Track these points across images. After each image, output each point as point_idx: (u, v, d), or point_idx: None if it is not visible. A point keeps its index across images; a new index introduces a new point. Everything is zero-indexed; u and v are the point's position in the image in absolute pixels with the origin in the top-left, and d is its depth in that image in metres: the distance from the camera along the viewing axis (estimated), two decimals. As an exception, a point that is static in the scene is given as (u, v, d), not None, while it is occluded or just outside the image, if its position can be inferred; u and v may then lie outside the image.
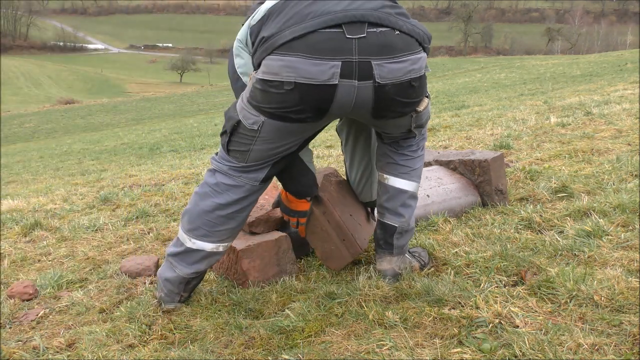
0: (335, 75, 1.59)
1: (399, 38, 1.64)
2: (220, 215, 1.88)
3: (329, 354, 1.56)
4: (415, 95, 1.75)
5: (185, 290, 2.00)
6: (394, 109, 1.74)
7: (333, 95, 1.62)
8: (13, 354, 1.78)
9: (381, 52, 1.61)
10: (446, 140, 4.94)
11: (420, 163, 2.04)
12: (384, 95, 1.66)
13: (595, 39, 76.80)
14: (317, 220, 2.15)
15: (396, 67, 1.63)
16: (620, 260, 1.89)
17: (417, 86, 1.72)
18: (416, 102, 1.79)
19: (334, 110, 1.68)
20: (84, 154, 11.52)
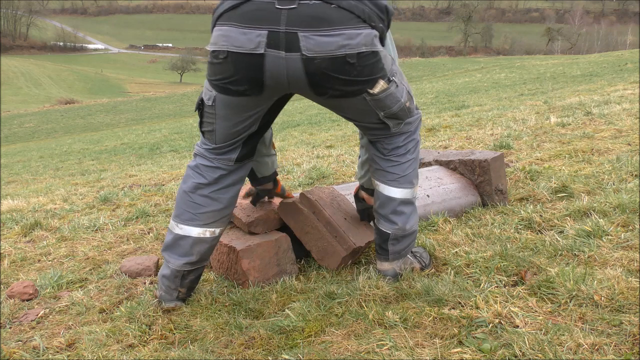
0: (261, 44, 1.59)
1: (335, 11, 1.59)
2: (202, 195, 1.92)
3: (329, 354, 1.56)
4: (356, 73, 1.66)
5: (182, 285, 1.99)
6: (331, 85, 1.68)
7: (262, 66, 1.62)
8: (13, 354, 1.78)
9: (310, 24, 1.58)
10: (446, 140, 4.94)
11: (411, 168, 1.98)
12: (314, 69, 1.62)
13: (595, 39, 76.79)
14: (307, 219, 2.17)
15: (326, 40, 1.59)
16: (620, 260, 1.89)
17: (357, 63, 1.64)
18: (361, 82, 1.69)
19: (270, 83, 1.67)
20: (84, 154, 11.52)
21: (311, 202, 2.20)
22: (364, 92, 1.73)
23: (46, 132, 22.67)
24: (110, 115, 26.88)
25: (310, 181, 3.89)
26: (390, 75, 1.75)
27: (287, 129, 10.62)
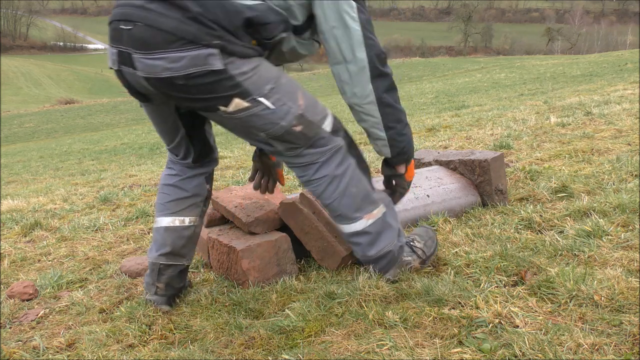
0: (115, 62, 1.69)
1: (157, 34, 1.57)
2: (168, 184, 2.02)
3: (329, 354, 1.56)
4: (195, 91, 1.64)
5: (159, 280, 2.00)
6: (180, 102, 1.75)
7: (126, 80, 1.71)
8: (13, 354, 1.78)
9: (139, 46, 1.60)
10: (446, 140, 4.94)
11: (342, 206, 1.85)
12: (155, 87, 1.66)
13: (595, 39, 76.81)
14: (307, 219, 2.17)
15: (150, 63, 1.60)
16: (620, 260, 1.89)
17: (189, 84, 1.61)
18: (205, 99, 1.66)
19: (145, 92, 1.74)
20: (84, 154, 11.52)
21: (311, 202, 2.20)
22: (217, 110, 1.69)
23: (46, 132, 22.67)
24: (110, 115, 26.88)
25: (310, 181, 3.88)
26: (256, 95, 1.68)
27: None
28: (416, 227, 2.12)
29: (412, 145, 1.96)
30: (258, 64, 1.70)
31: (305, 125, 1.77)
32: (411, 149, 1.96)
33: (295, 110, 1.75)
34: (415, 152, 3.17)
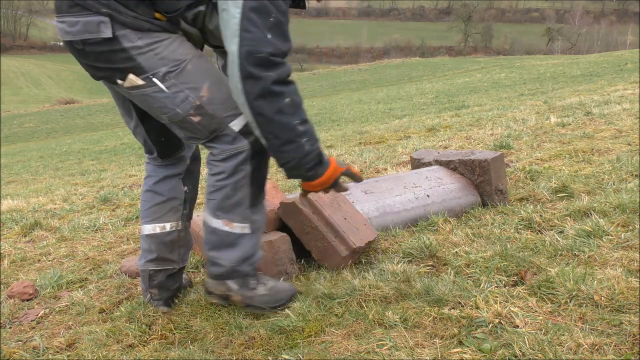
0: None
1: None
2: (146, 190, 2.00)
3: (329, 354, 1.56)
4: (93, 59, 1.64)
5: (150, 286, 2.00)
6: (87, 70, 1.72)
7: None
8: (13, 354, 1.78)
9: (56, 10, 1.65)
10: (446, 140, 4.94)
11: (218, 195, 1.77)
12: (70, 52, 1.69)
13: (595, 39, 76.81)
14: (307, 219, 2.17)
15: (59, 26, 1.66)
16: (620, 260, 1.89)
17: (87, 50, 1.62)
18: (103, 68, 1.66)
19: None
20: (83, 154, 11.52)
21: (311, 202, 2.20)
22: (116, 82, 1.68)
23: (46, 132, 22.66)
24: (110, 115, 26.86)
25: (310, 181, 3.88)
26: (150, 74, 1.63)
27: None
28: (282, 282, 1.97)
29: (306, 164, 1.70)
30: (158, 41, 1.63)
31: (205, 117, 1.69)
32: (304, 168, 1.71)
33: (193, 99, 1.67)
34: (415, 152, 3.17)
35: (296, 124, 1.62)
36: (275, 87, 1.57)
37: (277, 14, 1.54)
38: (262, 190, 1.85)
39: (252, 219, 1.83)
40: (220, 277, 1.86)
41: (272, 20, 1.54)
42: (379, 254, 2.25)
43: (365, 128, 7.87)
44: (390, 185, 2.65)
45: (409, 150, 4.66)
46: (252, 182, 1.78)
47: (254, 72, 1.54)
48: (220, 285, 1.87)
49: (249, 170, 1.76)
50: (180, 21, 1.71)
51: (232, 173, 1.75)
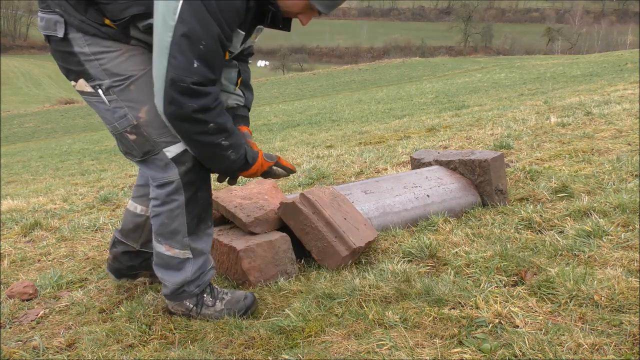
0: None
1: None
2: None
3: (329, 354, 1.56)
4: (56, 57, 1.71)
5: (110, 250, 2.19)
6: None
7: None
8: (13, 354, 1.78)
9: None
10: (446, 140, 4.94)
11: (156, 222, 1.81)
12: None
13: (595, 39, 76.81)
14: (307, 219, 2.17)
15: (39, 16, 1.70)
16: (620, 260, 1.89)
17: (53, 49, 1.70)
18: (63, 68, 1.71)
19: None
20: (83, 154, 11.52)
21: (311, 202, 2.20)
22: (72, 83, 1.71)
23: (46, 132, 22.66)
24: (110, 115, 26.85)
25: (310, 181, 3.89)
26: (96, 83, 1.66)
27: (287, 129, 10.62)
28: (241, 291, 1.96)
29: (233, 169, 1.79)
30: (105, 51, 1.63)
31: (140, 137, 1.71)
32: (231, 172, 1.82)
33: (131, 118, 1.69)
34: (415, 152, 3.17)
35: (220, 142, 1.66)
36: (197, 115, 1.59)
37: (208, 41, 1.52)
38: (202, 219, 1.84)
39: (192, 246, 1.84)
40: (168, 297, 1.90)
41: (201, 48, 1.52)
42: (379, 254, 2.25)
43: (365, 128, 7.87)
44: (390, 185, 2.65)
45: (409, 150, 4.66)
46: (187, 212, 1.78)
47: (177, 98, 1.55)
48: (178, 305, 1.91)
49: (182, 200, 1.77)
50: (133, 31, 1.66)
51: (164, 202, 1.78)
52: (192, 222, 1.81)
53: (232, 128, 1.69)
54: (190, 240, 1.83)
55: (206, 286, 1.92)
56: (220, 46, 1.56)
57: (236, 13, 1.58)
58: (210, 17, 1.51)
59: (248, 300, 1.91)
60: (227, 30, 1.57)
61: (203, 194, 1.81)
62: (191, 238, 1.83)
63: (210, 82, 1.58)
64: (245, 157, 1.77)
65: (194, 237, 1.84)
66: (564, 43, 78.37)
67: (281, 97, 25.20)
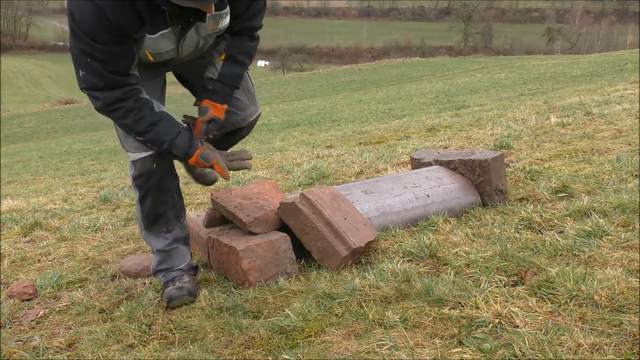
0: None
1: None
2: None
3: (329, 354, 1.56)
4: None
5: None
6: None
7: None
8: (13, 354, 1.78)
9: None
10: (446, 140, 4.94)
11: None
12: None
13: (595, 39, 76.77)
14: (307, 219, 2.17)
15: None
16: (620, 260, 1.89)
17: None
18: None
19: None
20: (83, 154, 11.52)
21: (311, 202, 2.20)
22: None
23: (46, 132, 22.65)
24: (110, 115, 26.84)
25: (310, 181, 3.89)
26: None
27: (287, 129, 10.61)
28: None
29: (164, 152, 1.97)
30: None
31: (118, 138, 2.10)
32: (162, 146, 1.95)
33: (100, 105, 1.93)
34: (415, 152, 3.17)
35: (134, 136, 1.91)
36: (100, 113, 1.86)
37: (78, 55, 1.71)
38: (151, 221, 2.13)
39: (147, 241, 2.19)
40: (165, 285, 2.16)
41: (78, 59, 1.73)
42: (379, 254, 2.25)
43: (365, 128, 7.87)
44: (390, 185, 2.65)
45: (409, 150, 4.66)
46: (141, 210, 2.12)
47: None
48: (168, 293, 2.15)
49: (137, 198, 2.11)
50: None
51: (133, 197, 2.14)
52: (144, 219, 2.14)
53: (147, 127, 1.86)
54: (146, 236, 2.18)
55: (170, 280, 2.15)
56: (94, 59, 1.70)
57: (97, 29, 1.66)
58: (74, 37, 1.69)
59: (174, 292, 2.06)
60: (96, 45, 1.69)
61: (150, 201, 2.08)
62: (146, 234, 2.17)
63: (98, 88, 1.77)
64: (170, 149, 1.94)
65: (149, 234, 2.17)
66: (564, 43, 78.34)
67: (281, 97, 25.19)
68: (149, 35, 1.77)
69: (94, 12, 1.63)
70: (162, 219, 2.13)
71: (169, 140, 1.90)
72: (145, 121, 1.84)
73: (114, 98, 1.78)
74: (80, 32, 1.66)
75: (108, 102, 1.79)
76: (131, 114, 1.83)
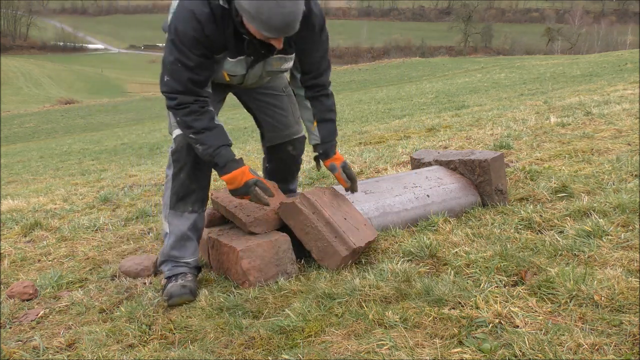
0: None
1: None
2: None
3: (329, 354, 1.56)
4: None
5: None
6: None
7: None
8: (13, 354, 1.78)
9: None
10: (446, 140, 4.94)
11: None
12: None
13: (595, 39, 76.72)
14: (307, 219, 2.17)
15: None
16: (620, 260, 1.89)
17: None
18: None
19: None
20: (84, 154, 11.52)
21: (311, 202, 2.20)
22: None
23: (46, 132, 22.65)
24: (110, 115, 26.86)
25: (310, 181, 3.89)
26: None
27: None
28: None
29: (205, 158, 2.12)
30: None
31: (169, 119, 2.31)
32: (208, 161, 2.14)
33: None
34: (415, 152, 3.17)
35: (188, 134, 2.10)
36: (170, 110, 2.13)
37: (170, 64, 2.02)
38: (180, 198, 2.22)
39: (170, 220, 2.25)
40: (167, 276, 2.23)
41: (168, 68, 2.04)
42: (379, 254, 2.25)
43: (365, 128, 7.87)
44: (390, 185, 2.65)
45: (409, 150, 4.66)
46: (172, 186, 2.23)
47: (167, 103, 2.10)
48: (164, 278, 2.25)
49: (170, 175, 2.24)
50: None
51: (166, 175, 2.29)
52: (172, 197, 2.23)
53: (202, 129, 2.07)
54: (170, 215, 2.25)
55: (174, 275, 2.18)
56: (182, 65, 2.01)
57: (194, 40, 1.98)
58: (172, 46, 2.00)
59: (183, 290, 2.10)
60: (188, 53, 2.00)
61: (184, 175, 2.21)
62: (171, 212, 2.24)
63: (176, 92, 2.05)
64: (213, 159, 2.10)
65: (173, 213, 2.24)
66: (564, 43, 78.29)
67: (281, 97, 25.11)
68: (230, 59, 2.12)
69: (195, 27, 1.95)
70: (192, 197, 2.23)
71: (216, 146, 2.09)
72: (203, 124, 2.08)
73: (186, 101, 2.06)
74: (180, 43, 1.98)
75: (180, 103, 2.06)
76: (194, 114, 2.08)
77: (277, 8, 1.83)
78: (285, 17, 1.85)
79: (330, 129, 2.37)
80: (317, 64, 2.27)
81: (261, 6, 1.83)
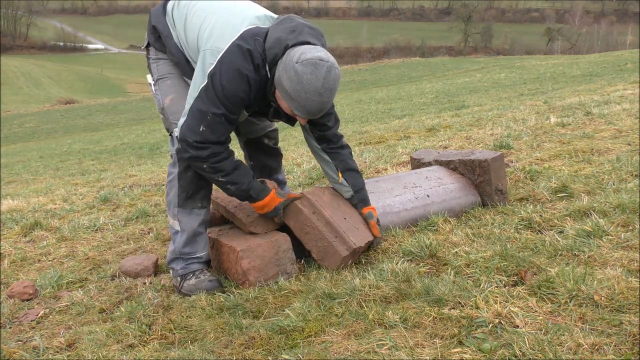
0: None
1: None
2: None
3: (329, 354, 1.56)
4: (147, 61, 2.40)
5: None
6: None
7: None
8: (13, 354, 1.78)
9: None
10: (446, 140, 4.94)
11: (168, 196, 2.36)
12: None
13: (595, 39, 76.71)
14: (307, 219, 2.17)
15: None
16: (620, 260, 1.89)
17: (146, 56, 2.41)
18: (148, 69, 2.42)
19: None
20: (84, 154, 11.52)
21: (311, 202, 2.20)
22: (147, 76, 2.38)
23: (46, 132, 22.65)
24: (110, 115, 26.86)
25: (310, 181, 3.89)
26: (154, 79, 2.31)
27: (287, 129, 10.61)
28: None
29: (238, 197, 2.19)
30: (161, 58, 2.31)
31: (164, 117, 2.29)
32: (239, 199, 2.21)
33: (161, 102, 2.29)
34: (415, 152, 3.17)
35: (216, 179, 2.11)
36: (192, 161, 2.08)
37: (213, 117, 2.00)
38: (189, 195, 2.22)
39: (180, 218, 2.24)
40: (168, 265, 2.28)
41: (208, 119, 2.01)
42: (379, 254, 2.25)
43: (365, 128, 7.87)
44: (390, 185, 2.65)
45: (409, 150, 4.66)
46: (179, 184, 2.21)
47: (183, 145, 2.05)
48: (173, 279, 2.26)
49: (176, 173, 2.22)
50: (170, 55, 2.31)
51: (168, 174, 2.27)
52: (181, 194, 2.22)
53: (232, 169, 2.10)
54: (179, 213, 2.23)
55: (191, 272, 2.22)
56: (226, 120, 2.02)
57: (240, 100, 2.01)
58: (217, 101, 1.98)
59: (214, 283, 2.16)
60: (233, 109, 2.02)
61: (192, 172, 2.18)
62: (180, 211, 2.23)
63: (210, 142, 2.03)
64: (247, 193, 2.15)
65: (182, 211, 2.23)
66: (564, 43, 78.28)
67: (281, 97, 25.12)
68: (246, 112, 2.17)
69: (245, 90, 1.98)
70: (200, 193, 2.23)
71: (247, 182, 2.14)
72: (231, 164, 2.10)
73: (218, 151, 2.07)
74: (225, 99, 1.98)
75: (213, 152, 2.05)
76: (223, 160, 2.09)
77: (317, 97, 1.89)
78: (322, 106, 1.93)
79: (357, 176, 2.38)
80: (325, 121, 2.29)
81: (301, 92, 1.89)
